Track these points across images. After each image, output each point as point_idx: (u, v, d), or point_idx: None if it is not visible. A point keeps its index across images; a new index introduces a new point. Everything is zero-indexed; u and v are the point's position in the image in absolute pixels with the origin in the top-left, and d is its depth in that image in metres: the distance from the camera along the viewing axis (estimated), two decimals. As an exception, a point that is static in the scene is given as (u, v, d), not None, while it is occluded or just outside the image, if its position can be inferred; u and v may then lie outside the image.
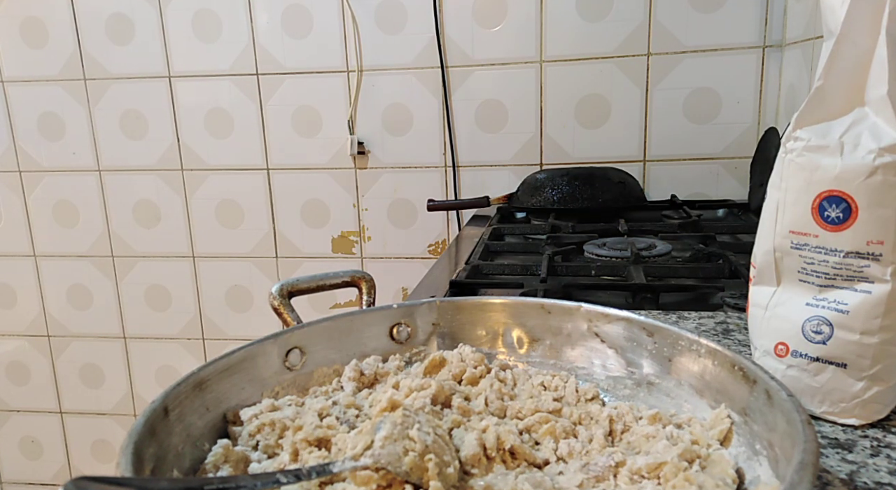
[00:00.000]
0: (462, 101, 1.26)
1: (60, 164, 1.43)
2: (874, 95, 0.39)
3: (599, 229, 1.00)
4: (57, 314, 1.52)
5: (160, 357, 1.50)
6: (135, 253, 1.45)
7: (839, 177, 0.39)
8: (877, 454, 0.38)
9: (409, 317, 0.49)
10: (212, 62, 1.32)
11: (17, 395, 1.59)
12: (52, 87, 1.39)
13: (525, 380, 0.44)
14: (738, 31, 1.15)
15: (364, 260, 1.37)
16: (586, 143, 1.24)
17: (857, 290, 0.39)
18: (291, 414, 0.39)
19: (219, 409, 0.39)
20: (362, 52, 1.27)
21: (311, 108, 1.32)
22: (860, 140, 0.39)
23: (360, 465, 0.32)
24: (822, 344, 0.41)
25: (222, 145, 1.36)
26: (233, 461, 0.36)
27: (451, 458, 0.34)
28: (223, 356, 0.40)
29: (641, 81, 1.20)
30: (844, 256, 0.39)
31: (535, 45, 1.22)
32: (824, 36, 0.41)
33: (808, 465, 0.27)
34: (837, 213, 0.39)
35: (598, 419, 0.39)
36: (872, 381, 0.40)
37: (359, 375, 0.45)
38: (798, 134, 0.41)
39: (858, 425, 0.41)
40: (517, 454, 0.36)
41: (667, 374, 0.41)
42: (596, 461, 0.35)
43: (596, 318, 0.46)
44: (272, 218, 1.38)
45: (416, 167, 1.31)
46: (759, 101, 1.17)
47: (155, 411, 0.34)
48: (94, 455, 1.59)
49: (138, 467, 0.30)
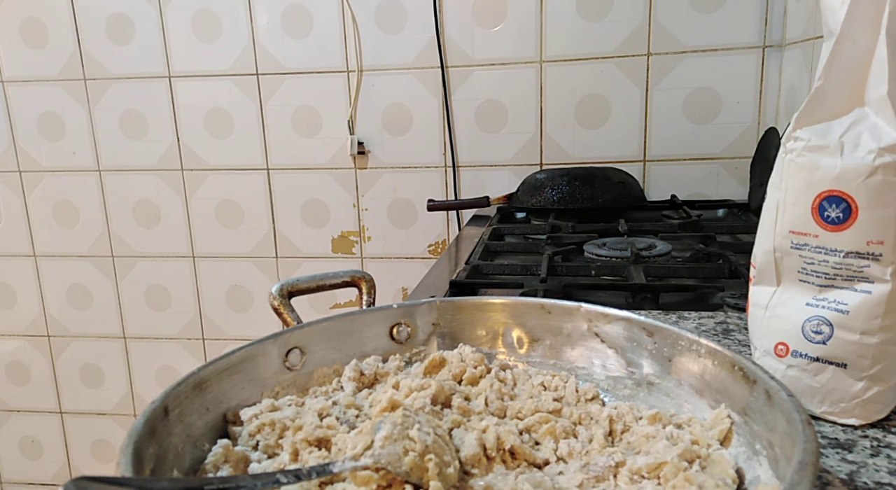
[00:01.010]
0: (462, 101, 1.26)
1: (60, 164, 1.43)
2: (874, 95, 0.39)
3: (599, 229, 1.00)
4: (57, 314, 1.52)
5: (160, 357, 1.50)
6: (135, 253, 1.45)
7: (839, 177, 0.39)
8: (877, 454, 0.38)
9: (409, 317, 0.49)
10: (212, 62, 1.32)
11: (17, 395, 1.59)
12: (52, 87, 1.39)
13: (525, 380, 0.44)
14: (738, 31, 1.15)
15: (364, 260, 1.37)
16: (586, 143, 1.24)
17: (857, 290, 0.39)
18: (291, 414, 0.39)
19: (219, 409, 0.39)
20: (362, 52, 1.27)
21: (311, 108, 1.32)
22: (860, 140, 0.39)
23: (361, 465, 0.32)
24: (822, 344, 0.41)
25: (222, 145, 1.36)
26: (233, 461, 0.36)
27: (451, 458, 0.34)
28: (223, 356, 0.40)
29: (641, 81, 1.20)
30: (844, 256, 0.39)
31: (535, 45, 1.22)
32: (824, 36, 0.41)
33: (808, 465, 0.27)
34: (837, 213, 0.39)
35: (598, 419, 0.39)
36: (872, 381, 0.40)
37: (359, 375, 0.45)
38: (798, 134, 0.41)
39: (858, 425, 0.41)
40: (517, 454, 0.36)
41: (667, 374, 0.41)
42: (596, 461, 0.35)
43: (596, 318, 0.46)
44: (272, 218, 1.38)
45: (416, 167, 1.31)
46: (759, 101, 1.17)
47: (155, 411, 0.34)
48: (94, 455, 1.59)
49: (138, 467, 0.30)
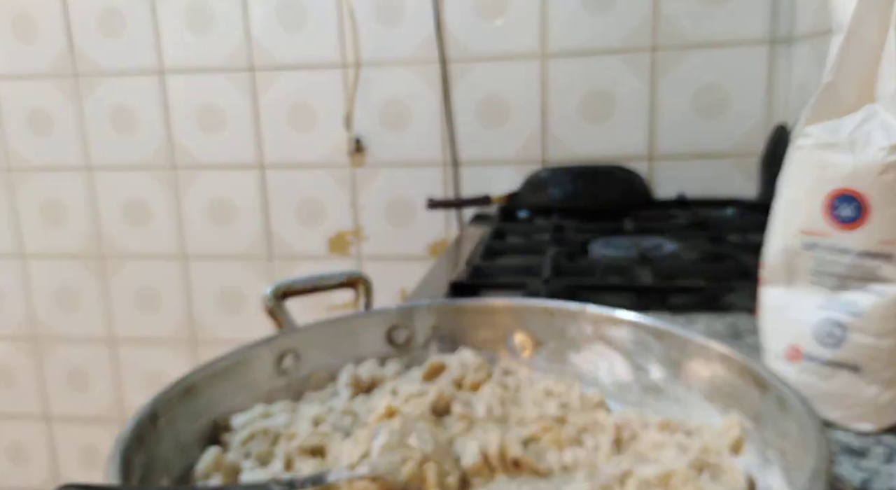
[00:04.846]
0: (463, 96, 1.25)
1: (49, 161, 1.41)
2: (885, 92, 0.39)
3: (605, 229, 0.99)
4: (44, 316, 1.50)
5: (150, 361, 1.48)
6: (124, 253, 1.43)
7: (851, 175, 0.39)
8: (891, 461, 0.38)
9: (407, 319, 0.48)
10: (205, 57, 1.31)
11: (2, 399, 1.57)
12: (42, 83, 1.38)
13: (528, 385, 0.44)
14: (746, 24, 1.14)
15: (361, 260, 1.36)
16: (590, 139, 1.23)
17: (871, 291, 0.39)
18: (285, 421, 0.39)
19: (210, 415, 0.39)
20: (359, 45, 1.26)
21: (307, 104, 1.30)
22: (871, 137, 0.38)
23: (357, 474, 0.32)
24: (836, 347, 0.40)
25: (215, 142, 1.35)
26: (224, 469, 0.35)
27: (452, 467, 0.34)
28: (214, 360, 0.40)
29: (647, 76, 1.19)
30: (857, 256, 0.39)
31: (538, 39, 1.20)
32: (833, 31, 0.41)
33: (821, 473, 0.27)
34: (849, 212, 0.39)
35: (605, 427, 0.38)
36: (887, 386, 0.39)
37: (355, 381, 0.44)
38: (808, 131, 0.41)
39: (873, 431, 0.40)
40: (520, 463, 0.35)
41: (675, 380, 0.41)
42: (602, 470, 0.34)
43: (602, 320, 0.45)
44: (266, 217, 1.37)
45: (416, 165, 1.30)
46: (768, 96, 1.16)
47: (144, 417, 0.33)
48: (82, 462, 1.57)
49: (126, 475, 0.30)
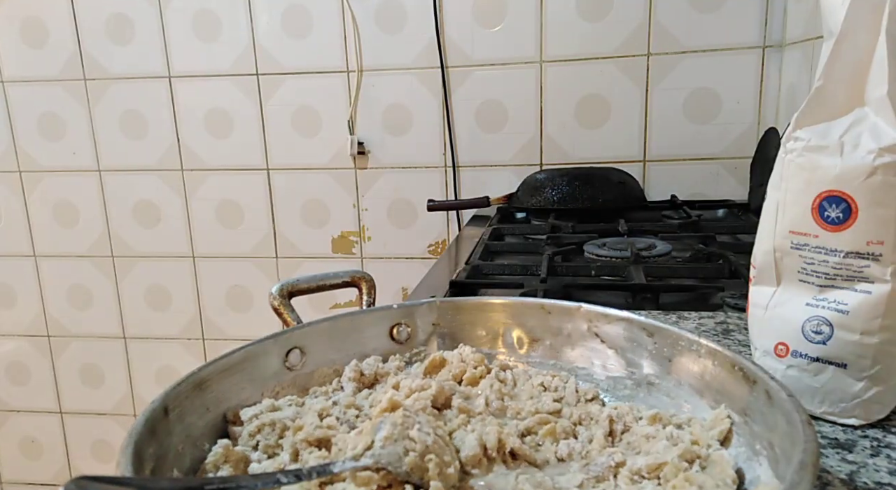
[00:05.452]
0: (462, 101, 1.26)
1: (60, 164, 1.43)
2: (874, 95, 0.39)
3: (599, 229, 1.00)
4: (57, 314, 1.52)
5: (160, 357, 1.50)
6: (135, 253, 1.45)
7: (839, 177, 0.39)
8: (877, 454, 0.38)
9: (409, 317, 0.49)
10: (212, 62, 1.32)
11: (17, 395, 1.59)
12: (53, 87, 1.39)
13: (525, 380, 0.44)
14: (738, 31, 1.15)
15: (364, 260, 1.37)
16: (586, 143, 1.24)
17: (857, 290, 0.39)
18: (291, 414, 0.39)
19: (219, 409, 0.39)
20: (362, 52, 1.27)
21: (311, 109, 1.32)
22: (860, 140, 0.39)
23: (361, 465, 0.32)
24: (822, 344, 0.41)
25: (222, 145, 1.36)
26: (233, 461, 0.36)
27: (452, 459, 0.34)
28: (223, 356, 0.40)
29: (641, 81, 1.20)
30: (844, 256, 0.39)
31: (535, 46, 1.22)
32: (824, 36, 0.41)
33: (808, 466, 0.27)
34: (837, 214, 0.39)
35: (598, 419, 0.39)
36: (872, 382, 0.40)
37: (359, 375, 0.45)
38: (798, 134, 0.41)
39: (858, 425, 0.41)
40: (517, 454, 0.36)
41: (667, 375, 0.41)
42: (596, 461, 0.35)
43: (596, 318, 0.46)
44: (272, 218, 1.38)
45: (416, 167, 1.31)
46: (759, 101, 1.17)
47: (155, 411, 0.34)
48: (94, 455, 1.59)
49: (138, 467, 0.30)
